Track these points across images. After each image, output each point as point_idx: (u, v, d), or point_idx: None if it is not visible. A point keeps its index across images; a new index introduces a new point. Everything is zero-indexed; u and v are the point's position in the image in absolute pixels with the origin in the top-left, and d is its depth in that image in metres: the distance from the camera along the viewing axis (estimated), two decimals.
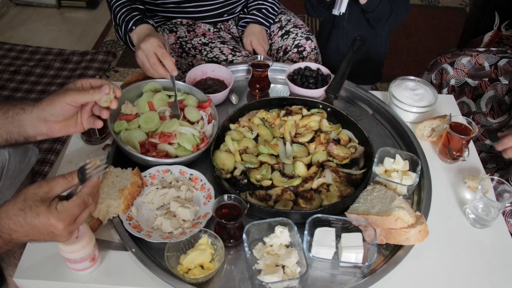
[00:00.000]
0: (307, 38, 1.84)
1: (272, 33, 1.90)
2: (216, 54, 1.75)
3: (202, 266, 1.04)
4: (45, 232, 0.85)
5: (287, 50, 1.83)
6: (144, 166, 1.23)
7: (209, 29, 1.83)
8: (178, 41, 1.78)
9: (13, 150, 1.20)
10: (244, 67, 1.63)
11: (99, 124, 1.11)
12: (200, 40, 1.78)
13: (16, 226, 0.84)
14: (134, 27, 1.52)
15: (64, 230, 0.85)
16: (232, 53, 1.74)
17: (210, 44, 1.77)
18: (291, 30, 1.86)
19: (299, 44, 1.82)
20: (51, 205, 0.84)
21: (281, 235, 1.07)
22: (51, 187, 0.86)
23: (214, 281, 1.04)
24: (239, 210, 1.10)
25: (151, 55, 1.37)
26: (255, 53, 1.80)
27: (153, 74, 1.41)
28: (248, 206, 1.10)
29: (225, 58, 1.74)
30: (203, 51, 1.76)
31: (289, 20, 1.90)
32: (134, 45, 1.54)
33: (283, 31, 1.87)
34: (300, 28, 1.87)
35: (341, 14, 1.74)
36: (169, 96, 1.41)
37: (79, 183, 0.88)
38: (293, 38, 1.84)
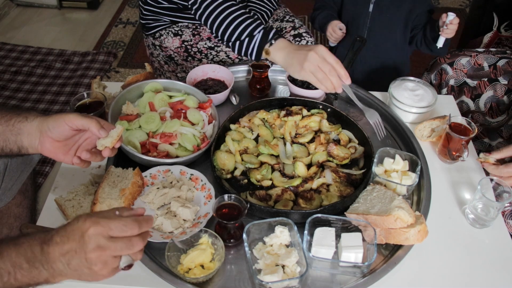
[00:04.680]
0: None
1: (284, 29, 1.88)
2: (223, 58, 1.74)
3: (202, 266, 1.05)
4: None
5: None
6: (145, 166, 1.24)
7: None
8: (183, 45, 1.77)
9: None
10: (244, 67, 1.64)
11: (96, 159, 1.06)
12: (205, 44, 1.77)
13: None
14: (273, 41, 1.38)
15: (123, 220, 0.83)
16: (239, 56, 1.74)
17: (216, 48, 1.76)
18: (304, 35, 1.84)
19: None
20: None
21: (281, 235, 1.08)
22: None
23: (214, 280, 1.05)
24: (239, 210, 1.10)
25: (324, 62, 1.27)
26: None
27: (324, 81, 1.28)
28: (248, 206, 1.11)
29: (231, 62, 1.73)
30: (209, 55, 1.75)
31: (301, 25, 1.89)
32: (269, 60, 1.43)
33: (296, 32, 1.85)
34: (311, 37, 1.86)
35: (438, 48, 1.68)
36: (170, 97, 1.42)
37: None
38: (304, 44, 1.82)
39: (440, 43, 1.62)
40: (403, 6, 1.75)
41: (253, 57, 1.42)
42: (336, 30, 1.79)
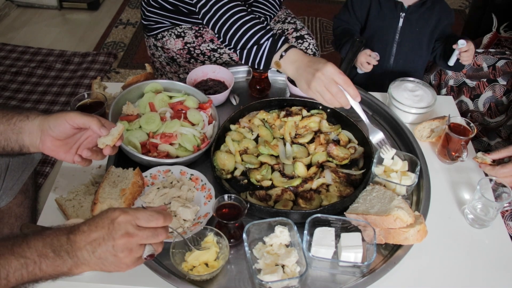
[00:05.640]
0: (314, 55, 1.83)
1: (286, 31, 1.88)
2: (226, 60, 1.74)
3: (206, 264, 1.05)
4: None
5: None
6: (145, 166, 1.24)
7: None
8: (186, 47, 1.77)
9: None
10: (244, 68, 1.64)
11: (97, 157, 1.06)
12: (208, 46, 1.76)
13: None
14: (284, 53, 1.31)
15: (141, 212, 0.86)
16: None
17: (219, 50, 1.75)
18: (306, 37, 1.84)
19: None
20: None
21: (281, 234, 1.08)
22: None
23: (214, 280, 1.05)
24: (239, 210, 1.11)
25: (332, 83, 1.21)
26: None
27: (331, 102, 1.23)
28: (248, 206, 1.11)
29: (235, 64, 1.72)
30: (212, 57, 1.75)
31: (303, 27, 1.90)
32: (280, 71, 1.34)
33: (298, 34, 1.84)
34: (312, 39, 1.86)
35: (450, 66, 1.67)
36: (170, 97, 1.42)
37: None
38: (306, 47, 1.82)
39: (451, 62, 1.61)
40: (430, 19, 1.71)
41: (261, 68, 1.36)
42: (370, 59, 1.67)
